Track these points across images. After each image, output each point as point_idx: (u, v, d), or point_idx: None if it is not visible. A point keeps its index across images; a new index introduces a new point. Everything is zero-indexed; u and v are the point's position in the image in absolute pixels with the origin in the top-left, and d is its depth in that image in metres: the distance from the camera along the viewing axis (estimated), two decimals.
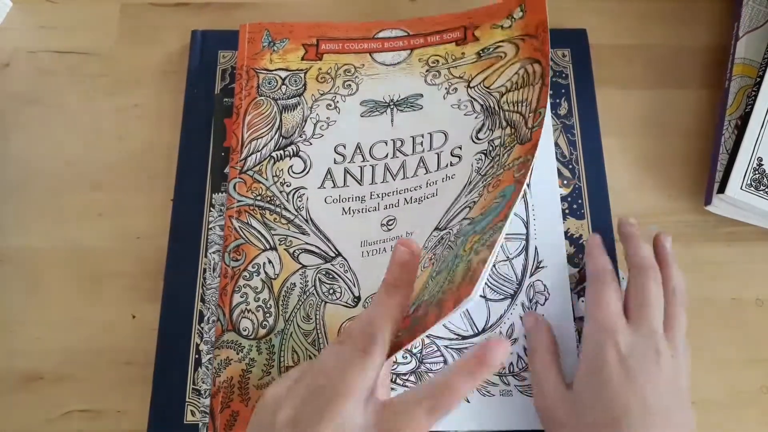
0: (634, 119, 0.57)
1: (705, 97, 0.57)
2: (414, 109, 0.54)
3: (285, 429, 0.35)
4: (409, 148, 0.52)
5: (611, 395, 0.40)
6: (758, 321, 0.51)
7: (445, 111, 0.53)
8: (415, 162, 0.52)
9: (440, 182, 0.51)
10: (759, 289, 0.52)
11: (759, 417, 0.48)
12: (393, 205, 0.50)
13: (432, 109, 0.54)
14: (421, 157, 0.52)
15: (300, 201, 0.51)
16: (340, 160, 0.52)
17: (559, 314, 0.48)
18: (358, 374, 0.36)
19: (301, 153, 0.52)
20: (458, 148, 0.52)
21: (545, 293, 0.48)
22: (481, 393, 0.46)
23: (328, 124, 0.53)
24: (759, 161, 0.51)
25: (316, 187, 0.51)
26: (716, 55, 0.58)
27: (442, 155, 0.52)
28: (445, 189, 0.50)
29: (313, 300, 0.48)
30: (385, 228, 0.50)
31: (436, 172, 0.51)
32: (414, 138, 0.53)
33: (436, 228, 0.48)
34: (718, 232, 0.53)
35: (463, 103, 0.53)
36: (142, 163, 0.54)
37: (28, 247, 0.52)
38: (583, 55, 0.57)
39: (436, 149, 0.52)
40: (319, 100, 0.54)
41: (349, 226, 0.50)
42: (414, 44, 0.56)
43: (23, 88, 0.57)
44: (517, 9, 0.55)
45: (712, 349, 0.50)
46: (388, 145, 0.53)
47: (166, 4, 0.60)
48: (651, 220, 0.53)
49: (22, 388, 0.48)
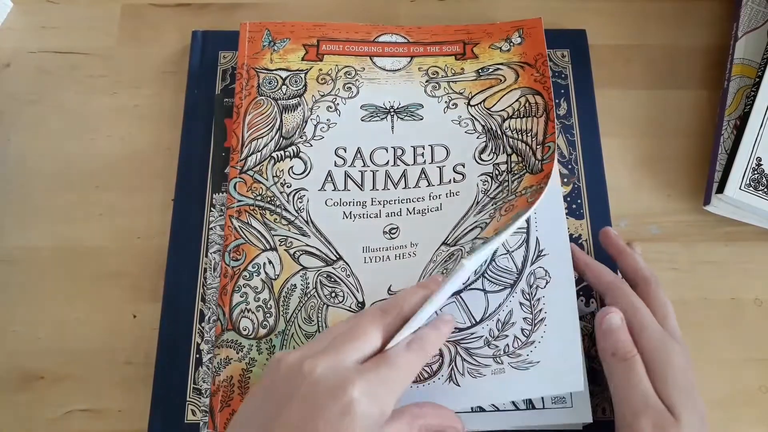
0: (633, 119, 0.57)
1: (704, 97, 0.57)
2: (414, 118, 0.54)
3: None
4: (410, 158, 0.53)
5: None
6: (757, 321, 0.51)
7: (446, 125, 0.54)
8: (416, 173, 0.52)
9: (444, 197, 0.51)
10: (758, 288, 0.52)
11: (758, 416, 0.48)
12: (395, 214, 0.51)
13: (432, 121, 0.54)
14: (423, 168, 0.52)
15: (300, 202, 0.51)
16: (341, 163, 0.52)
17: (561, 299, 0.47)
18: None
19: (302, 154, 0.52)
20: (461, 165, 0.52)
21: (546, 277, 0.47)
22: (472, 375, 0.45)
23: (328, 125, 0.53)
24: (758, 161, 0.51)
25: (317, 189, 0.51)
26: (715, 55, 0.59)
27: (444, 170, 0.52)
28: (450, 205, 0.51)
29: (315, 302, 0.48)
30: (387, 236, 0.50)
31: (439, 186, 0.51)
32: (415, 148, 0.53)
33: (444, 243, 0.49)
34: (717, 232, 0.54)
35: (464, 120, 0.54)
36: (142, 163, 0.55)
37: (28, 247, 0.52)
38: (582, 55, 0.57)
39: (438, 163, 0.52)
40: (319, 102, 0.54)
41: (350, 231, 0.50)
42: (414, 52, 0.56)
43: (23, 88, 0.57)
44: (515, 34, 0.56)
45: (711, 348, 0.50)
46: (389, 153, 0.53)
47: (167, 4, 0.60)
48: (650, 220, 0.54)
49: (22, 388, 0.48)
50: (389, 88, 0.55)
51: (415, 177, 0.52)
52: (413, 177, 0.52)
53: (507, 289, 0.48)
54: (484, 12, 0.60)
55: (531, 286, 0.47)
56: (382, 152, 0.53)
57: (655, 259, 0.52)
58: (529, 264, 0.48)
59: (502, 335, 0.45)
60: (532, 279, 0.47)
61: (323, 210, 0.51)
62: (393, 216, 0.51)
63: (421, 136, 0.53)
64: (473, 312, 0.47)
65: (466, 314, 0.47)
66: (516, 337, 0.46)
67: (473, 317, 0.47)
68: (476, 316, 0.47)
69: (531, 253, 0.49)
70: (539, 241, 0.49)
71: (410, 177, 0.52)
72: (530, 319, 0.46)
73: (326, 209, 0.51)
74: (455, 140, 0.53)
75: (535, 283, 0.47)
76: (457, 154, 0.53)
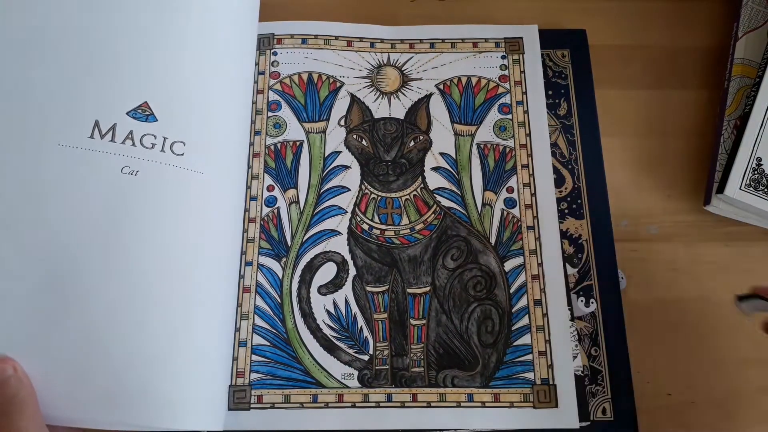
0: (633, 119, 0.57)
1: (704, 97, 0.57)
2: None
3: None
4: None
5: None
6: (757, 321, 0.50)
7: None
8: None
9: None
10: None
11: (758, 417, 0.48)
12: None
13: None
14: None
15: None
16: None
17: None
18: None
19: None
20: None
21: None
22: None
23: None
24: (758, 161, 0.51)
25: None
26: (715, 55, 0.58)
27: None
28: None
29: None
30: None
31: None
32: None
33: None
34: (717, 232, 0.53)
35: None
36: None
37: None
38: (582, 55, 0.57)
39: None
40: None
41: None
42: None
43: None
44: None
45: (710, 348, 0.50)
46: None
47: None
48: (650, 220, 0.53)
49: None
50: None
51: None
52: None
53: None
54: (484, 12, 0.59)
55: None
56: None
57: (655, 259, 0.52)
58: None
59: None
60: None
61: None
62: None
63: None
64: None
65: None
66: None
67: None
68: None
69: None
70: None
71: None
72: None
73: None
74: None
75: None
76: None
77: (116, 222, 0.42)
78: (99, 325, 0.40)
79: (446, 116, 0.54)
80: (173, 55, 0.47)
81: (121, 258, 0.42)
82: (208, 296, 0.44)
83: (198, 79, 0.47)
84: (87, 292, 0.41)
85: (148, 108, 0.45)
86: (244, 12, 0.52)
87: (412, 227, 0.50)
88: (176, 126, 0.45)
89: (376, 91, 0.54)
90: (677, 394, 0.48)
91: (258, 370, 0.46)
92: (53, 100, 0.44)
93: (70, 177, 0.42)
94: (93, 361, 0.40)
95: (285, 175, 0.51)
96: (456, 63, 0.55)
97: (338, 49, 0.55)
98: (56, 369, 0.39)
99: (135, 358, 0.41)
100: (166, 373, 0.41)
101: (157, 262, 0.42)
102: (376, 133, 0.53)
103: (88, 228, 0.42)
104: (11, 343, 0.39)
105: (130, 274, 0.42)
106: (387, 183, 0.51)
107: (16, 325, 0.40)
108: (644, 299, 0.51)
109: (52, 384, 0.39)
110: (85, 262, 0.41)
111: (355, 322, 0.48)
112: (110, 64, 0.45)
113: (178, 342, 0.42)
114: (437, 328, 0.48)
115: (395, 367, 0.47)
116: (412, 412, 0.45)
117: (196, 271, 0.44)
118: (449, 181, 0.52)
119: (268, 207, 0.50)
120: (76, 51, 0.45)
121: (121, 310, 0.41)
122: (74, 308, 0.40)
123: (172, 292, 0.42)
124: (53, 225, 0.41)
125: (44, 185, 0.42)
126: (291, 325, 0.47)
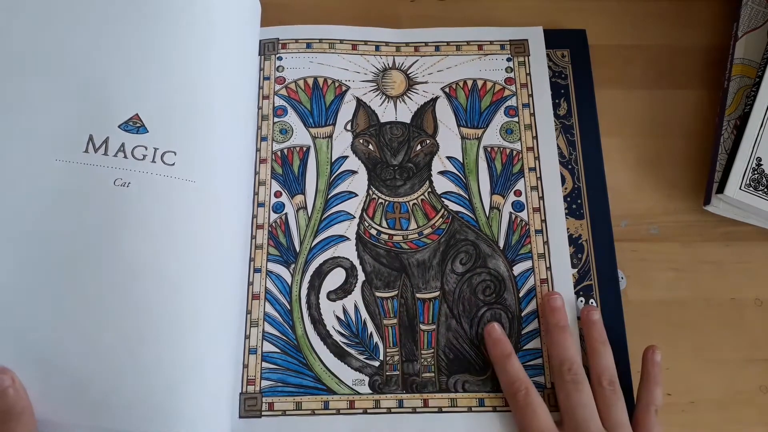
0: (633, 119, 0.57)
1: (704, 97, 0.58)
2: None
3: None
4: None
5: None
6: (757, 321, 0.51)
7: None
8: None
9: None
10: (758, 288, 0.52)
11: (757, 417, 0.49)
12: None
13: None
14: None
15: None
16: None
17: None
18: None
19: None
20: None
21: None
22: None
23: None
24: (758, 161, 0.52)
25: None
26: (715, 55, 0.59)
27: None
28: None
29: None
30: None
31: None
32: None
33: None
34: (717, 232, 0.54)
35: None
36: None
37: None
38: (582, 55, 0.57)
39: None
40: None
41: None
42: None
43: None
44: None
45: (710, 348, 0.51)
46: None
47: None
48: (650, 220, 0.54)
49: None
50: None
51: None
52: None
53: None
54: (484, 12, 0.59)
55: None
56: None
57: (655, 259, 0.52)
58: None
59: None
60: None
61: None
62: None
63: None
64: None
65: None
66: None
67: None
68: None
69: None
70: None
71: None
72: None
73: None
74: None
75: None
76: None
77: (110, 233, 0.43)
78: (94, 335, 0.41)
79: (452, 120, 0.54)
80: (165, 68, 0.47)
81: (115, 268, 0.42)
82: (205, 302, 0.44)
83: (191, 89, 0.47)
84: (83, 302, 0.41)
85: (139, 120, 0.45)
86: (243, 19, 0.52)
87: (420, 232, 0.50)
88: (167, 137, 0.46)
89: (382, 94, 0.54)
90: (677, 394, 0.49)
91: (269, 377, 0.46)
92: (50, 116, 0.44)
93: (66, 191, 0.43)
94: (89, 370, 0.41)
95: (292, 181, 0.51)
96: (461, 66, 0.55)
97: (343, 53, 0.55)
98: (53, 378, 0.40)
99: (130, 367, 0.41)
100: (162, 380, 0.42)
101: (151, 270, 0.43)
102: (383, 137, 0.53)
103: (83, 239, 0.42)
104: (8, 353, 0.40)
105: (124, 284, 0.42)
106: (394, 187, 0.52)
107: (13, 334, 0.40)
108: (644, 299, 0.51)
109: (48, 393, 0.40)
110: (80, 272, 0.42)
111: (365, 327, 0.48)
112: (103, 78, 0.46)
113: (175, 350, 0.42)
114: (447, 333, 0.48)
115: (406, 373, 0.47)
116: (423, 417, 0.46)
117: (193, 278, 0.44)
118: (456, 184, 0.52)
119: (275, 213, 0.50)
120: (71, 67, 0.46)
121: (116, 319, 0.41)
122: (70, 318, 0.41)
123: (167, 299, 0.43)
124: (50, 238, 0.42)
125: (42, 199, 0.43)
126: (301, 331, 0.48)
